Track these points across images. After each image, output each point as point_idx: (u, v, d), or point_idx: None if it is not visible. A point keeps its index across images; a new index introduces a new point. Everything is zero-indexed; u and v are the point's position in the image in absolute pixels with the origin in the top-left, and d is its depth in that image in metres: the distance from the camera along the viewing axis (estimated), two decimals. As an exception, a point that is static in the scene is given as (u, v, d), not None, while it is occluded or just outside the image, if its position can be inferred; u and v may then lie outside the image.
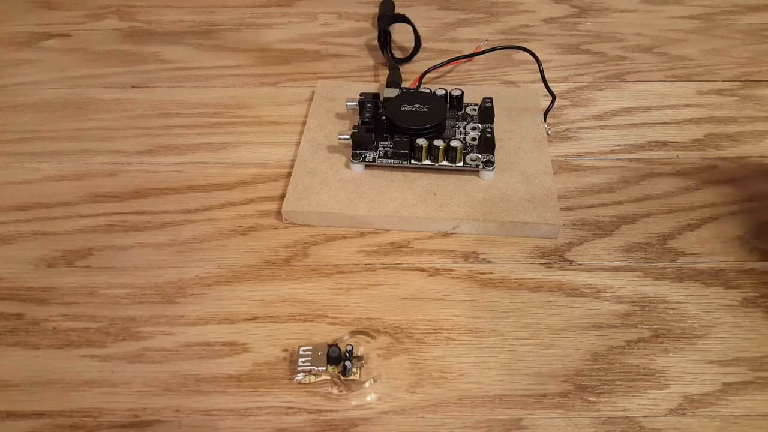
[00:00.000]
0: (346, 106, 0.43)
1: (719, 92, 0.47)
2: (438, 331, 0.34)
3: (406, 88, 0.44)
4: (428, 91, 0.43)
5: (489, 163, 0.39)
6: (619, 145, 0.43)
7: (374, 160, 0.40)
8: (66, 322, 0.34)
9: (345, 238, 0.38)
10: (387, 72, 0.47)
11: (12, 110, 0.47)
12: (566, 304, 0.35)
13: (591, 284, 0.35)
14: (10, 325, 0.34)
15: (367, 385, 0.31)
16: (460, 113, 0.43)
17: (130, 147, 0.44)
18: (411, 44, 0.50)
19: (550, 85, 0.46)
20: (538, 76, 0.46)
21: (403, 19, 0.50)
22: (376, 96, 0.42)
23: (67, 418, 0.31)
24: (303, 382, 0.31)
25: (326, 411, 0.31)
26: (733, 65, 0.49)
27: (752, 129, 0.44)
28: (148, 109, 0.46)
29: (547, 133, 0.43)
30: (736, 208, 0.39)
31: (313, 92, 0.46)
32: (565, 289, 0.35)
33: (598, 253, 0.37)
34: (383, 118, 0.40)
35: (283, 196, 0.39)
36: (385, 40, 0.49)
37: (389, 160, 0.40)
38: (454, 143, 0.39)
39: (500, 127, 0.42)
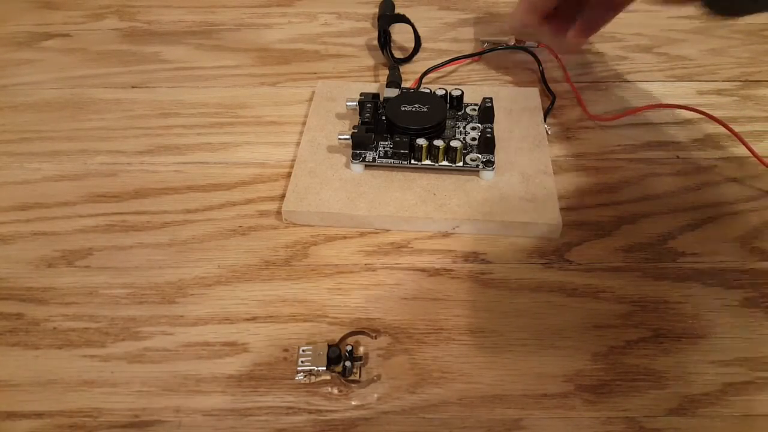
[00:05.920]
0: (346, 106, 0.43)
1: (719, 92, 0.47)
2: (438, 331, 0.33)
3: (406, 88, 0.44)
4: (428, 91, 0.43)
5: (489, 163, 0.39)
6: (619, 145, 0.43)
7: (374, 160, 0.40)
8: (66, 322, 0.34)
9: (345, 238, 0.38)
10: (387, 72, 0.47)
11: (12, 110, 0.47)
12: (566, 304, 0.35)
13: (591, 284, 0.35)
14: (10, 325, 0.34)
15: (367, 385, 0.31)
16: (460, 113, 0.43)
17: (130, 147, 0.44)
18: (411, 44, 0.50)
19: (550, 85, 0.46)
20: (538, 76, 0.46)
21: (403, 19, 0.50)
22: (376, 96, 0.42)
23: (67, 418, 0.31)
24: (303, 382, 0.31)
25: (326, 411, 0.31)
26: (733, 65, 0.49)
27: (752, 129, 0.44)
28: (148, 109, 0.46)
29: (547, 133, 0.43)
30: (736, 208, 0.39)
31: (313, 92, 0.46)
32: (565, 289, 0.35)
33: (598, 253, 0.37)
34: (383, 118, 0.40)
35: (283, 196, 0.39)
36: (385, 40, 0.49)
37: (389, 160, 0.40)
38: (454, 143, 0.39)
39: (500, 127, 0.42)
